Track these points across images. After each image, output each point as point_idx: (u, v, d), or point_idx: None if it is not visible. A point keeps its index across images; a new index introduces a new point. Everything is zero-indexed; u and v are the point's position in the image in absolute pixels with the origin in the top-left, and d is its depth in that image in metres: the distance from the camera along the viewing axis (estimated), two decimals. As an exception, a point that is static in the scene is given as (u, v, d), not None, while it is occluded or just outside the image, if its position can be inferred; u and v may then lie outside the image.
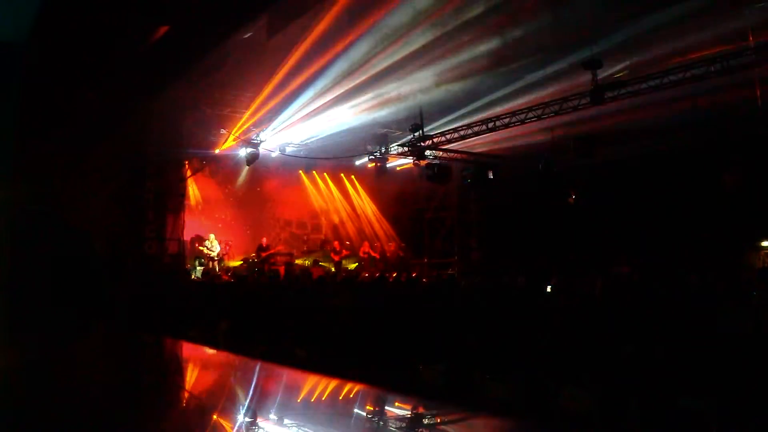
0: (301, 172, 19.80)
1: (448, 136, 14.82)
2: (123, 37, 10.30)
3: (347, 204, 20.91)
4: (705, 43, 10.59)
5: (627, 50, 11.44)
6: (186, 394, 2.12)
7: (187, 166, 16.33)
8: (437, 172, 15.82)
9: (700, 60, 10.67)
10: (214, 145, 16.96)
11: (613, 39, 11.04)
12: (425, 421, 1.78)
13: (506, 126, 13.70)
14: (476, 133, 14.27)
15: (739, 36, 10.29)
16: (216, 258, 16.69)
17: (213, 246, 16.67)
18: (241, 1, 9.84)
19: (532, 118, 13.21)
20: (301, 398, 2.05)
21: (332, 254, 18.86)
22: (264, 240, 17.56)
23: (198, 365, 2.64)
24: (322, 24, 11.30)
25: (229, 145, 16.86)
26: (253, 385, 2.24)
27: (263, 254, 17.16)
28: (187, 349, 2.87)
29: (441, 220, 20.24)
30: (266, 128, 16.39)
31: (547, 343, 4.29)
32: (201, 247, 16.67)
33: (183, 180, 15.81)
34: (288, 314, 7.09)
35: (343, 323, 5.94)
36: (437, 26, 11.18)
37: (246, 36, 11.29)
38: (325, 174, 20.29)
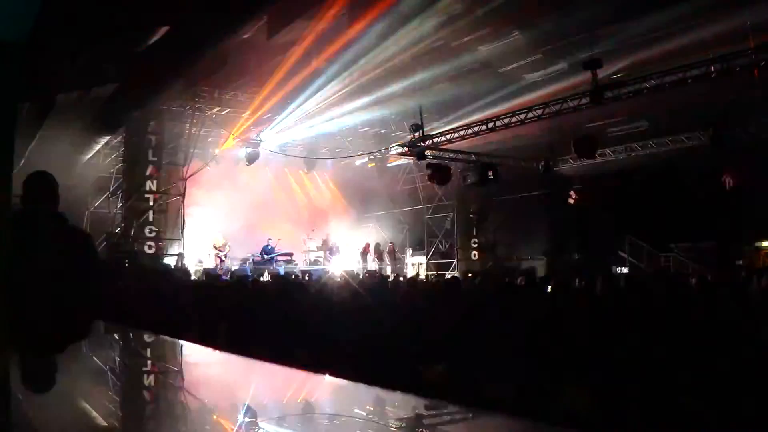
0: (301, 172, 19.81)
1: (448, 136, 14.82)
2: (123, 37, 10.29)
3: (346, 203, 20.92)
4: (705, 44, 10.59)
5: (627, 50, 11.44)
6: (185, 394, 2.12)
7: (186, 166, 16.34)
8: (437, 172, 15.82)
9: (700, 60, 10.67)
10: (214, 145, 16.98)
11: (614, 39, 11.05)
12: (425, 421, 1.77)
13: (506, 126, 13.70)
14: (476, 133, 14.27)
15: (739, 36, 10.29)
16: (224, 257, 16.73)
17: (222, 245, 16.74)
18: (241, 1, 9.83)
19: (532, 118, 13.21)
20: (301, 398, 2.04)
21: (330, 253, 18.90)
22: (269, 241, 17.58)
23: (198, 365, 2.64)
24: (323, 23, 11.30)
25: (229, 145, 16.88)
26: (253, 385, 2.23)
27: (265, 255, 17.18)
28: (187, 349, 2.87)
29: (441, 220, 20.25)
30: (267, 128, 16.42)
31: (547, 343, 4.29)
32: (208, 246, 16.72)
33: (183, 180, 15.82)
34: (288, 314, 7.08)
35: (343, 323, 5.94)
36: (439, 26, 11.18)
37: (246, 36, 11.29)
38: (325, 174, 20.28)
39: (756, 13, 9.60)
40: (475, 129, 14.22)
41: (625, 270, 13.55)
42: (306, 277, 15.06)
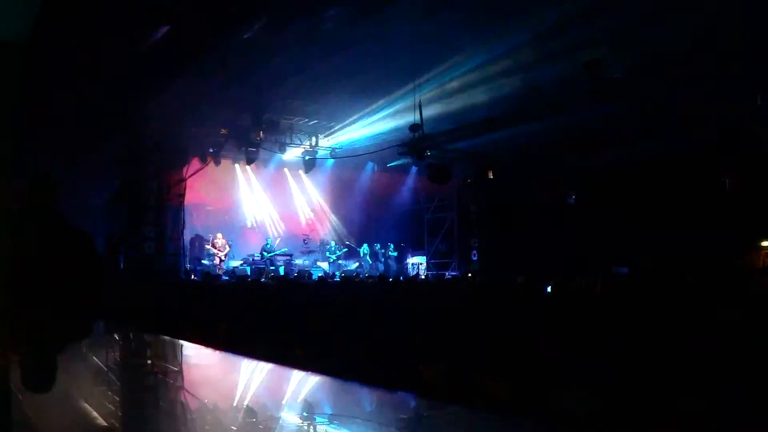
0: (301, 171, 19.79)
1: (448, 136, 14.82)
2: (123, 37, 10.29)
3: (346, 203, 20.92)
4: (705, 43, 10.59)
5: (627, 50, 11.43)
6: (185, 394, 2.12)
7: (187, 166, 16.34)
8: (437, 172, 15.82)
9: (701, 60, 10.68)
10: (214, 144, 16.97)
11: (614, 39, 11.04)
12: (425, 421, 1.78)
13: (506, 126, 13.70)
14: (476, 133, 14.26)
15: (739, 38, 10.30)
16: (224, 257, 16.74)
17: (222, 245, 16.74)
18: (242, 1, 9.84)
19: (532, 118, 13.20)
20: (301, 398, 2.04)
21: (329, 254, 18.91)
22: (268, 240, 17.59)
23: (197, 365, 2.64)
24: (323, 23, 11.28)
25: (230, 145, 16.86)
26: (253, 385, 2.23)
27: (265, 255, 17.17)
28: (187, 349, 2.87)
29: (441, 220, 20.26)
30: (267, 128, 16.41)
31: (547, 343, 4.29)
32: (208, 246, 16.72)
33: (183, 180, 15.83)
34: (288, 314, 7.09)
35: (343, 323, 5.94)
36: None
37: (246, 36, 11.29)
38: (324, 174, 20.27)
39: (756, 12, 9.61)
40: (475, 129, 14.21)
41: (625, 270, 13.54)
42: (305, 277, 15.08)
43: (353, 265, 19.11)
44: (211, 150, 16.96)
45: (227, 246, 17.02)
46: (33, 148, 13.32)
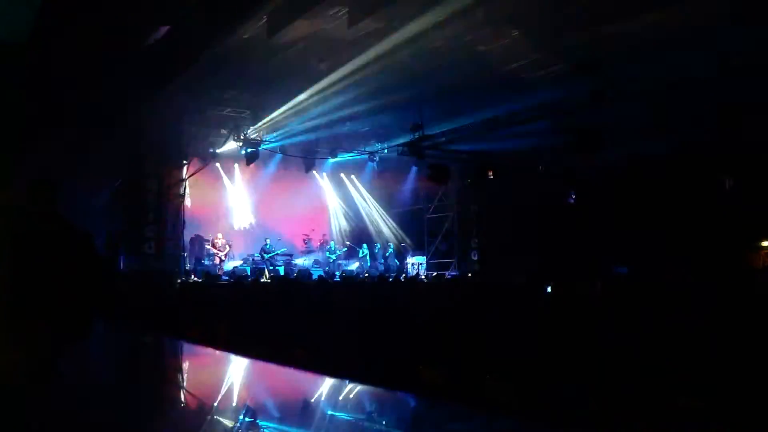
0: (301, 172, 19.79)
1: (448, 136, 14.82)
2: (123, 37, 10.30)
3: (346, 203, 20.91)
4: (705, 43, 10.59)
5: (627, 50, 11.43)
6: (185, 394, 2.12)
7: (187, 166, 16.33)
8: (437, 172, 15.82)
9: (701, 60, 10.68)
10: (214, 144, 16.97)
11: (614, 39, 11.04)
12: (425, 421, 1.78)
13: (506, 126, 13.69)
14: (476, 133, 14.26)
15: (737, 39, 10.30)
16: (224, 257, 16.74)
17: (222, 245, 16.75)
18: (241, 1, 9.84)
19: (532, 118, 13.20)
20: (301, 398, 2.04)
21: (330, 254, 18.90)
22: (268, 240, 17.58)
23: (198, 365, 2.64)
24: (323, 23, 11.29)
25: (229, 145, 16.86)
26: (253, 385, 2.23)
27: (265, 255, 17.16)
28: (187, 349, 2.87)
29: (441, 220, 20.26)
30: (266, 128, 16.41)
31: (547, 342, 4.29)
32: (208, 246, 16.73)
33: (183, 180, 15.82)
34: (288, 314, 7.10)
35: (343, 323, 5.95)
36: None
37: (246, 36, 11.29)
38: (324, 174, 20.27)
39: (754, 17, 9.61)
40: (475, 129, 14.20)
41: (625, 270, 13.55)
42: (306, 277, 15.09)
43: (353, 265, 19.10)
44: (211, 150, 16.95)
45: (227, 246, 17.00)
46: (33, 148, 13.34)
